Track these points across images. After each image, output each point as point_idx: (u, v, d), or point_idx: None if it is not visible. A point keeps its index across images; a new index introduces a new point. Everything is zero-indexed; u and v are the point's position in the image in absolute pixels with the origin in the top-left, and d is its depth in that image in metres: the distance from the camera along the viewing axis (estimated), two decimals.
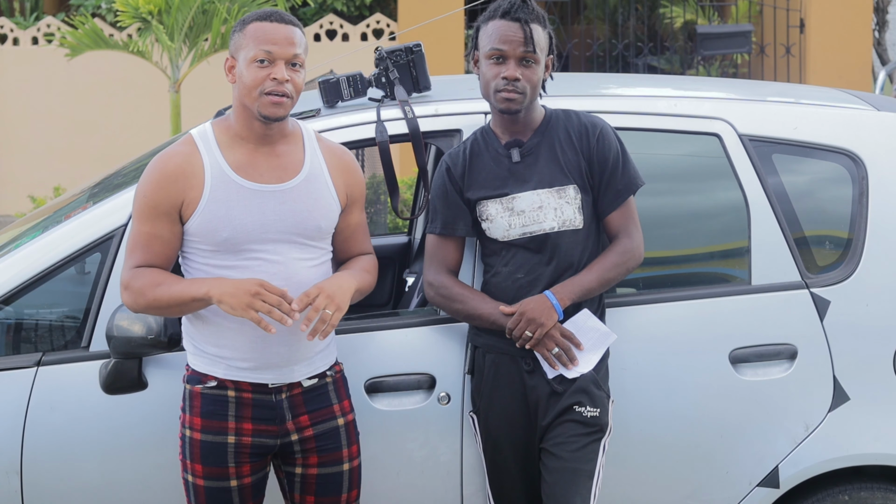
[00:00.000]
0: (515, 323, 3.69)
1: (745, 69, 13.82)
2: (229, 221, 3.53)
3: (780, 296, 3.95)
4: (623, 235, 3.79)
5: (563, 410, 3.73)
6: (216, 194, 3.54)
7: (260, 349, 3.56)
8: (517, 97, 3.70)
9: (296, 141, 3.66)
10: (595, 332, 3.75)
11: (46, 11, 14.29)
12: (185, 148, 3.59)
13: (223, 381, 3.58)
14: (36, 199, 11.41)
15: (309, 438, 3.63)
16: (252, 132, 3.59)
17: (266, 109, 3.52)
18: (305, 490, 3.67)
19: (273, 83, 3.50)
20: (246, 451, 3.59)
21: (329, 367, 3.68)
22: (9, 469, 3.76)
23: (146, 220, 3.55)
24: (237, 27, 3.60)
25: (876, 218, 4.01)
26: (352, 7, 13.70)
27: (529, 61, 3.71)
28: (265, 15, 3.56)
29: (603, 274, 3.75)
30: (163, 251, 3.56)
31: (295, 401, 3.62)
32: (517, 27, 3.70)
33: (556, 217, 3.75)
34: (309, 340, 3.52)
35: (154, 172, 3.57)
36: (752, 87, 5.05)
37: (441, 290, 3.81)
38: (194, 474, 3.61)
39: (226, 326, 3.56)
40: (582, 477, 3.70)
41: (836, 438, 3.93)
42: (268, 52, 3.51)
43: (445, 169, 3.84)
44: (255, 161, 3.58)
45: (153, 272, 3.54)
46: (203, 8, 9.57)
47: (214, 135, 3.61)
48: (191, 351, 3.64)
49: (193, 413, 3.60)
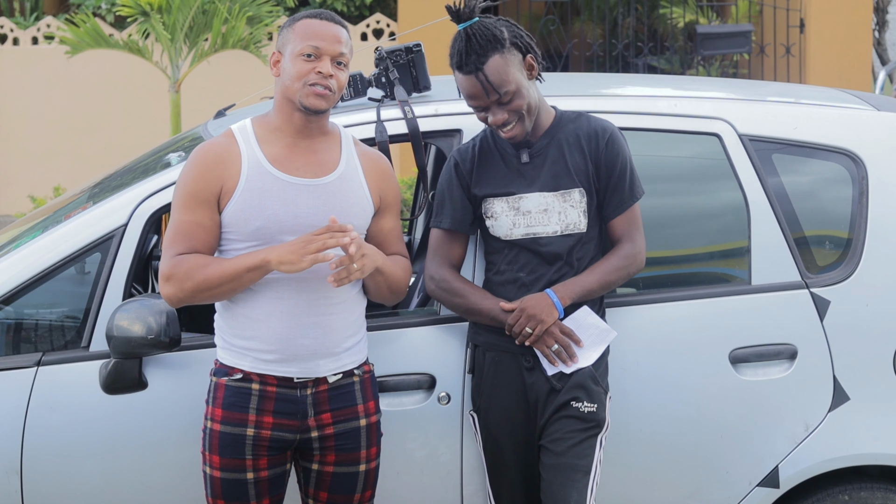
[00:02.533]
0: (516, 319, 3.70)
1: (745, 69, 13.82)
2: (262, 211, 3.56)
3: (780, 296, 3.95)
4: (626, 240, 3.79)
5: (560, 406, 3.73)
6: (251, 184, 3.58)
7: (286, 340, 3.58)
8: (516, 130, 3.71)
9: (333, 140, 3.70)
10: (595, 328, 3.75)
11: (46, 11, 14.29)
12: (225, 139, 3.66)
13: (249, 374, 3.60)
14: (36, 199, 11.42)
15: (329, 437, 3.64)
16: (291, 125, 3.64)
17: (308, 100, 3.58)
18: (320, 486, 3.68)
19: (318, 76, 3.57)
20: (264, 444, 3.60)
21: (358, 365, 3.69)
22: (9, 469, 3.76)
23: (188, 208, 3.59)
24: (287, 24, 3.68)
25: (876, 218, 4.01)
26: (352, 7, 13.70)
27: (506, 102, 3.68)
28: (316, 13, 3.66)
29: (604, 276, 3.75)
30: (206, 239, 3.59)
31: (320, 397, 3.63)
32: (474, 81, 3.66)
33: (560, 220, 3.75)
34: (329, 282, 3.51)
35: (194, 161, 3.63)
36: (752, 87, 5.05)
37: (442, 284, 3.81)
38: (212, 466, 3.62)
39: (252, 317, 3.59)
40: (578, 473, 3.70)
41: (836, 438, 3.93)
42: (315, 48, 3.58)
43: (454, 164, 3.84)
44: (292, 154, 3.63)
45: (197, 256, 3.57)
46: (203, 8, 9.57)
47: (253, 129, 3.67)
48: (220, 345, 3.67)
49: (216, 404, 3.62)
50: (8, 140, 12.91)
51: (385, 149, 3.96)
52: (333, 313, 3.62)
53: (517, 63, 3.69)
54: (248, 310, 3.60)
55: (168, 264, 3.57)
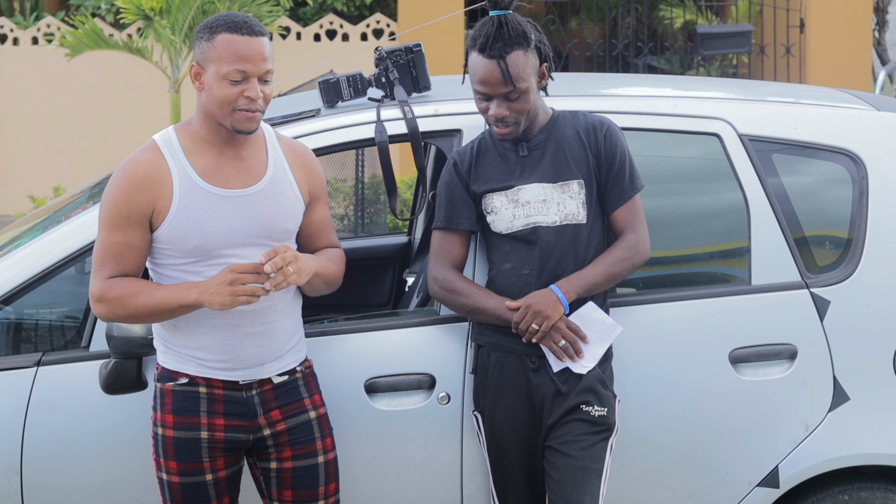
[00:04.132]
0: (521, 316, 3.69)
1: (745, 69, 13.82)
2: (199, 229, 3.53)
3: (780, 296, 3.95)
4: (629, 231, 3.78)
5: (570, 409, 3.73)
6: (185, 202, 3.53)
7: (233, 350, 3.58)
8: (510, 129, 3.72)
9: (258, 143, 3.66)
10: (601, 324, 3.75)
11: (46, 11, 14.28)
12: (151, 155, 3.57)
13: (194, 378, 3.60)
14: (36, 199, 11.41)
15: (282, 432, 3.64)
16: (218, 137, 3.59)
17: (239, 125, 3.53)
18: (282, 485, 3.67)
19: (246, 101, 3.50)
20: (219, 445, 3.61)
21: (299, 363, 3.70)
22: (9, 469, 3.77)
23: (118, 229, 3.53)
24: (203, 34, 3.55)
25: (876, 218, 4.01)
26: (352, 7, 13.70)
27: (513, 98, 3.69)
28: (234, 26, 3.51)
29: (608, 268, 3.74)
30: (135, 260, 3.56)
31: (266, 396, 3.64)
32: (494, 67, 3.67)
33: (559, 211, 3.75)
34: (267, 288, 3.46)
35: (123, 181, 3.54)
36: (752, 87, 5.05)
37: (445, 285, 3.81)
38: (169, 472, 3.62)
39: (197, 330, 3.58)
40: (591, 475, 3.70)
41: (836, 438, 3.93)
42: (241, 72, 3.49)
43: (452, 164, 3.85)
44: (221, 166, 3.58)
45: (129, 281, 3.54)
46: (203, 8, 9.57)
47: (179, 140, 3.60)
48: (161, 350, 3.65)
49: (165, 411, 3.61)
50: (8, 140, 12.91)
51: (385, 149, 3.96)
52: (277, 320, 3.62)
53: (534, 66, 3.72)
54: (192, 325, 3.57)
55: (99, 287, 3.53)
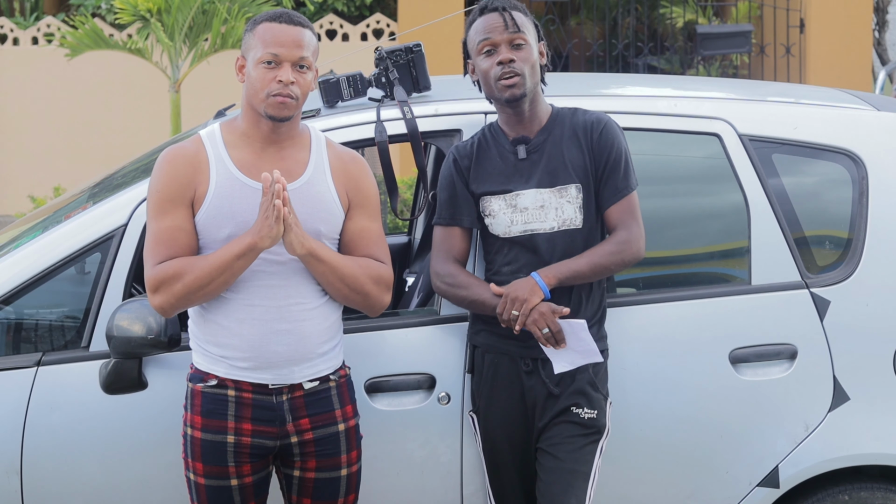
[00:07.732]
0: (503, 306, 3.69)
1: (745, 69, 13.82)
2: (232, 218, 3.54)
3: (780, 296, 3.95)
4: (621, 228, 3.77)
5: (560, 411, 3.73)
6: (221, 190, 3.55)
7: (259, 347, 3.56)
8: (517, 80, 3.71)
9: (303, 144, 3.66)
10: (583, 344, 3.67)
11: (46, 11, 14.29)
12: (192, 145, 3.63)
13: (224, 381, 3.59)
14: (36, 199, 11.41)
15: (308, 442, 3.62)
16: (259, 131, 3.60)
17: (272, 110, 3.54)
18: (302, 492, 3.67)
19: (278, 85, 3.51)
20: (246, 451, 3.59)
21: (333, 370, 3.67)
22: (9, 469, 3.76)
23: (165, 213, 3.54)
24: (249, 27, 3.62)
25: (876, 218, 4.01)
26: (352, 7, 13.70)
27: (519, 44, 3.73)
28: (275, 16, 3.57)
29: (594, 259, 3.72)
30: (188, 242, 3.55)
31: (296, 403, 3.61)
32: (497, 16, 3.74)
33: (557, 217, 3.75)
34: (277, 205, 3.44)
35: (164, 164, 3.59)
36: (752, 87, 5.05)
37: (447, 279, 3.80)
38: (196, 473, 3.61)
39: (225, 325, 3.57)
40: (578, 478, 3.70)
41: (836, 438, 3.93)
42: (274, 55, 3.52)
43: (452, 160, 3.85)
44: (260, 161, 3.59)
45: (180, 259, 3.52)
46: (203, 8, 9.58)
47: (222, 134, 3.63)
48: (195, 349, 3.65)
49: (194, 412, 3.60)
50: (8, 140, 12.91)
51: (385, 149, 3.96)
52: (307, 319, 3.59)
53: (534, 35, 3.79)
54: (221, 317, 3.57)
55: (153, 273, 3.52)
